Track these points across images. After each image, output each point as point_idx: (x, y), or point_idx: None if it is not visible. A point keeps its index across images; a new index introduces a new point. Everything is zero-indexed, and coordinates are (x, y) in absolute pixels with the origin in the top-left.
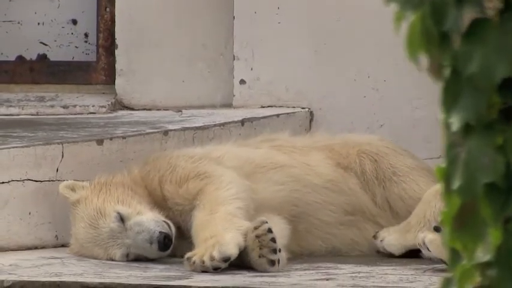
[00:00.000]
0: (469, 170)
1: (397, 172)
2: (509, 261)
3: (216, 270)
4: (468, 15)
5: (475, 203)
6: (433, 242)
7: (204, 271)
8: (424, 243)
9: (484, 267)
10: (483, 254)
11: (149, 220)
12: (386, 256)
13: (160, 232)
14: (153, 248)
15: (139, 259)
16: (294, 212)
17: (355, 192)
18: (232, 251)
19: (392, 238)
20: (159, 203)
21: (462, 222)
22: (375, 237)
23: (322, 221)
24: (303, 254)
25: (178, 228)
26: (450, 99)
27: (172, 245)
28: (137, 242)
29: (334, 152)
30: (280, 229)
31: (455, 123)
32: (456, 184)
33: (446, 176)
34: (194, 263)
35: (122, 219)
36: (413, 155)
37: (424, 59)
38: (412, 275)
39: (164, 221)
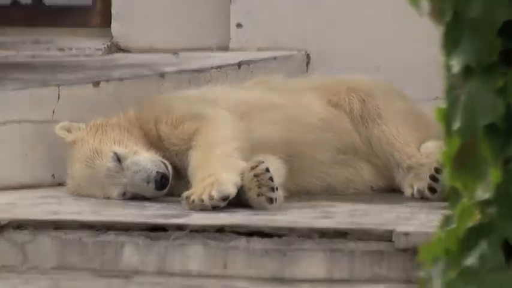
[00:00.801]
0: (469, 112)
1: (382, 114)
2: (509, 199)
3: (215, 209)
4: None
5: (475, 144)
6: None
7: (203, 210)
8: None
9: (483, 205)
10: (483, 193)
11: (146, 160)
12: (382, 194)
13: (157, 172)
14: (150, 187)
15: (135, 198)
16: (289, 152)
17: (347, 130)
18: (231, 190)
19: None
20: (155, 143)
21: (462, 162)
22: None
23: (316, 160)
24: (299, 192)
25: (175, 168)
26: (451, 42)
27: (169, 184)
28: (134, 181)
29: (325, 90)
30: (276, 168)
31: (456, 65)
32: (456, 125)
33: (446, 117)
34: (193, 201)
35: (118, 159)
36: (405, 98)
37: (425, 3)
38: (408, 212)
39: (161, 161)
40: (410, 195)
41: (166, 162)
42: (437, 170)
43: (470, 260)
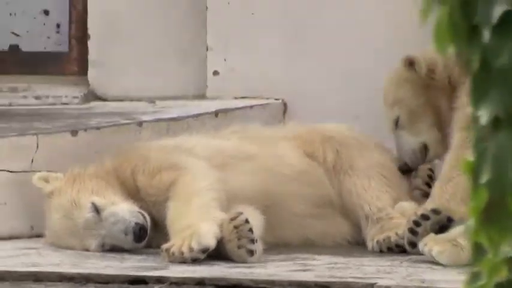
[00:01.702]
0: (498, 165)
1: (354, 166)
2: None
3: (195, 261)
4: (499, 8)
5: (503, 198)
6: (443, 254)
7: (182, 262)
8: (432, 257)
9: (511, 262)
10: (511, 249)
11: (124, 210)
12: (360, 247)
13: (136, 223)
14: (128, 238)
15: (114, 249)
16: (266, 203)
17: (323, 183)
18: (211, 242)
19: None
20: (133, 194)
21: (489, 217)
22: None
23: (292, 213)
24: (278, 245)
25: (152, 219)
26: (479, 92)
27: (148, 236)
28: (112, 232)
29: (300, 140)
30: (255, 219)
31: (484, 116)
32: (484, 178)
33: (474, 170)
34: (173, 254)
35: (96, 209)
36: (383, 150)
37: (452, 52)
38: (389, 266)
39: (139, 212)
40: (371, 249)
41: (144, 213)
42: (416, 223)
43: None
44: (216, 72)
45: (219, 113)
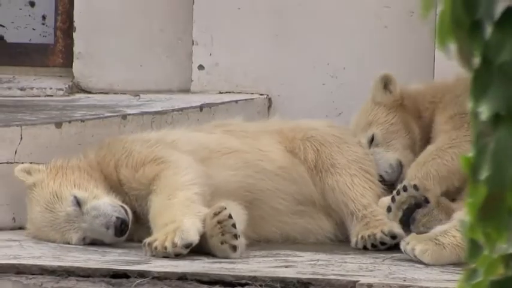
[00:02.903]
0: (498, 161)
1: (336, 164)
2: None
3: (177, 256)
4: (501, 4)
5: (502, 194)
6: (425, 252)
7: (165, 257)
8: (415, 256)
9: (508, 259)
10: (508, 246)
11: (106, 204)
12: (343, 244)
13: (117, 217)
14: (109, 233)
15: (95, 243)
16: (248, 198)
17: (305, 181)
18: (194, 238)
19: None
20: (115, 187)
21: (487, 213)
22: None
23: (274, 209)
24: (260, 241)
25: (134, 213)
26: (480, 88)
27: (129, 230)
28: (94, 226)
29: (282, 136)
30: (237, 214)
31: (485, 112)
32: (483, 174)
33: (473, 166)
34: (156, 248)
35: (78, 203)
36: (362, 144)
37: (453, 47)
38: (371, 263)
39: (121, 206)
40: (354, 244)
41: (126, 207)
42: (397, 192)
43: None
44: (201, 67)
45: (203, 107)
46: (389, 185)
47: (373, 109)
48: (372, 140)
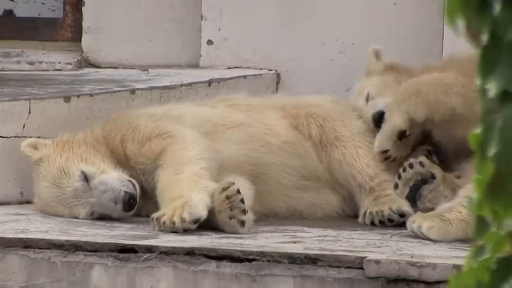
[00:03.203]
0: (506, 138)
1: (340, 137)
2: None
3: (186, 231)
4: None
5: (510, 171)
6: (432, 229)
7: (173, 232)
8: (422, 233)
9: None
10: None
11: (114, 179)
12: (351, 220)
13: (125, 192)
14: (117, 207)
15: (103, 218)
16: (253, 172)
17: (310, 156)
18: (202, 213)
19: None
20: (122, 162)
21: (495, 190)
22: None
23: (279, 183)
24: (267, 216)
25: (141, 188)
26: (488, 65)
27: (137, 204)
28: (102, 201)
29: (287, 112)
30: (245, 189)
31: (493, 89)
32: (491, 151)
33: (480, 143)
34: (164, 223)
35: (86, 178)
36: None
37: (462, 24)
38: (379, 239)
39: (129, 180)
40: (362, 220)
41: (134, 181)
42: (404, 169)
43: None
44: (210, 42)
45: (212, 83)
46: (392, 159)
47: (368, 79)
48: (367, 99)
